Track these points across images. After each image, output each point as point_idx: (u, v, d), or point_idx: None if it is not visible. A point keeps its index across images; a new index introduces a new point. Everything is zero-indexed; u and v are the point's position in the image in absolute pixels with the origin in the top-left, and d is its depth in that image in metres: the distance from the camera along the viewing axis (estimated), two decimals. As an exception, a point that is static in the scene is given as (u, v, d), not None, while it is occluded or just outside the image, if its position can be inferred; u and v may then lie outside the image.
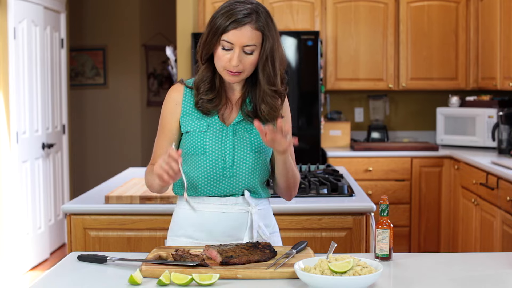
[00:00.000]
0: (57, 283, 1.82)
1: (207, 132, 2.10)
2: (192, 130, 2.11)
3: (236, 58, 2.01)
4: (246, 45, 2.01)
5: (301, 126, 5.14)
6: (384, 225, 1.97)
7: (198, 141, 2.10)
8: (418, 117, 5.99)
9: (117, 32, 7.57)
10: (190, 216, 2.15)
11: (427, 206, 5.33)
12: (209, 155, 2.09)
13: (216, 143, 2.10)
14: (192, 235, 2.14)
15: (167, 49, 5.45)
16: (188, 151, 2.12)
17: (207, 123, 2.11)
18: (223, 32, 2.01)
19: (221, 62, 2.04)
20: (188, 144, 2.12)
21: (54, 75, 5.98)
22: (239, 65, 2.02)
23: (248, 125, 2.13)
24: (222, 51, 2.03)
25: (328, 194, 3.08)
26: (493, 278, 1.84)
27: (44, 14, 5.66)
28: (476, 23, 5.45)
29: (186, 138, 2.13)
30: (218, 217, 2.12)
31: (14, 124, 5.10)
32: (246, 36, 2.01)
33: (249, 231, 2.12)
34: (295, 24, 5.48)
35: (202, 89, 2.11)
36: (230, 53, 2.02)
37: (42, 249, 5.58)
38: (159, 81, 7.79)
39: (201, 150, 2.10)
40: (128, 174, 3.90)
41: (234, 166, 2.10)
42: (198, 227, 2.13)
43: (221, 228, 2.12)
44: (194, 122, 2.12)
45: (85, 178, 7.58)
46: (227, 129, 2.11)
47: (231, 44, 2.01)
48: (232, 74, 2.05)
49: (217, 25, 2.02)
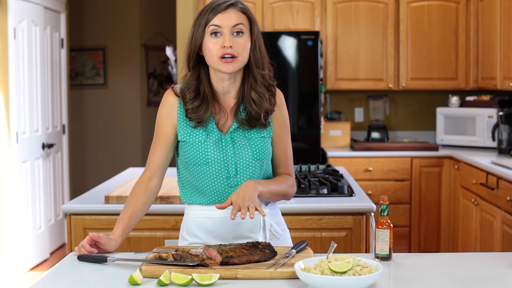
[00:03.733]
0: (57, 283, 1.82)
1: (206, 142, 2.08)
2: (191, 139, 2.09)
3: (228, 39, 2.01)
4: (234, 24, 2.02)
5: (301, 126, 5.14)
6: (384, 225, 1.97)
7: (199, 151, 2.08)
8: (418, 117, 5.99)
9: (117, 32, 7.57)
10: (203, 224, 2.13)
11: (427, 206, 5.33)
12: (212, 165, 2.08)
13: (217, 152, 2.08)
14: (207, 242, 2.12)
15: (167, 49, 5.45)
16: (189, 160, 2.10)
17: (205, 132, 2.09)
18: (208, 21, 2.02)
19: (213, 51, 2.02)
20: (189, 153, 2.09)
21: (54, 75, 5.98)
22: (231, 46, 2.01)
23: (246, 132, 2.11)
24: (212, 40, 2.02)
25: (328, 194, 3.08)
26: (493, 278, 1.84)
27: (44, 14, 5.66)
28: (476, 23, 5.45)
29: (185, 147, 2.10)
30: (231, 222, 2.11)
31: (14, 124, 5.10)
32: (232, 17, 2.03)
33: (262, 232, 2.12)
34: (295, 24, 5.48)
35: (188, 97, 2.08)
36: (220, 38, 2.02)
37: (42, 249, 5.58)
38: (159, 81, 7.79)
39: (203, 161, 2.07)
40: (128, 174, 3.90)
41: (238, 175, 2.09)
42: (212, 233, 2.12)
43: (236, 232, 2.11)
44: (191, 131, 2.10)
45: (85, 178, 7.59)
46: (225, 137, 2.09)
47: (219, 27, 2.01)
48: (227, 61, 2.02)
49: (201, 19, 2.04)
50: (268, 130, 2.14)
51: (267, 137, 2.14)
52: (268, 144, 2.14)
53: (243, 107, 2.11)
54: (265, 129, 2.12)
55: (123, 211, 2.10)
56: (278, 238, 2.17)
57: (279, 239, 2.18)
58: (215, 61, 2.03)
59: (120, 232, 2.06)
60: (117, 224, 2.08)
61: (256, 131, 2.12)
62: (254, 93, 2.09)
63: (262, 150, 2.11)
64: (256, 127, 2.11)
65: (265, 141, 2.13)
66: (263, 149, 2.11)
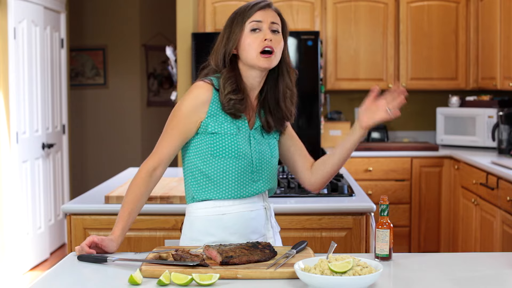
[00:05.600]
0: (57, 283, 1.82)
1: (238, 135, 2.09)
2: (222, 131, 2.08)
3: (269, 33, 2.08)
4: (272, 21, 2.11)
5: (301, 126, 5.14)
6: (384, 225, 1.97)
7: (230, 143, 2.08)
8: (418, 117, 5.99)
9: (117, 32, 7.57)
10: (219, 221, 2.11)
11: (427, 206, 5.33)
12: (241, 158, 2.09)
13: (247, 146, 2.11)
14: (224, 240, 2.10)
15: (167, 49, 5.45)
16: (216, 153, 2.08)
17: (236, 126, 2.10)
18: (249, 16, 2.09)
19: (253, 45, 2.07)
20: (217, 145, 2.08)
21: (54, 75, 5.98)
22: (272, 39, 2.08)
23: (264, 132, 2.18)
24: (251, 35, 2.08)
25: (328, 194, 3.08)
26: (493, 278, 1.84)
27: (44, 14, 5.66)
28: (476, 23, 5.45)
29: (214, 139, 2.08)
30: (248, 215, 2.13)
31: (14, 124, 5.10)
32: (271, 15, 2.12)
33: (269, 225, 2.20)
34: (295, 24, 5.48)
35: (229, 88, 2.07)
36: (260, 33, 2.09)
37: (42, 249, 5.58)
38: (159, 81, 7.79)
39: (234, 153, 2.08)
40: (128, 174, 3.90)
41: (261, 170, 2.14)
42: (228, 230, 2.11)
43: (250, 227, 2.14)
44: (223, 124, 2.09)
45: (85, 178, 7.59)
46: (252, 132, 2.14)
47: (259, 23, 2.09)
48: (266, 57, 2.07)
49: (240, 18, 2.10)
50: (277, 132, 2.23)
51: (276, 139, 2.23)
52: (277, 145, 2.23)
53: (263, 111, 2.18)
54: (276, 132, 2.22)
55: (123, 208, 2.07)
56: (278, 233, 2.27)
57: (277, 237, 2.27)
58: (254, 56, 2.08)
59: (120, 231, 2.06)
60: (117, 223, 2.07)
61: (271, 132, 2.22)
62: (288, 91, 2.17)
63: (275, 150, 2.21)
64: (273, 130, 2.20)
65: (275, 142, 2.22)
66: (276, 149, 2.21)
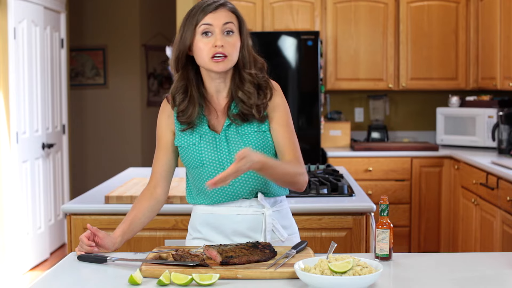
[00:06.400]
0: (57, 283, 1.82)
1: (200, 144, 2.09)
2: (185, 143, 2.11)
3: (220, 39, 2.02)
4: (225, 23, 2.03)
5: (301, 126, 5.14)
6: (384, 225, 1.97)
7: (193, 154, 2.09)
8: (418, 117, 5.99)
9: (117, 32, 7.57)
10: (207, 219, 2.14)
11: (427, 206, 5.33)
12: (207, 166, 2.08)
13: (211, 153, 2.08)
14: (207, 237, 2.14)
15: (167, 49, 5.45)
16: (186, 164, 2.13)
17: (199, 135, 2.10)
18: (199, 20, 2.03)
19: (204, 51, 2.02)
20: (185, 157, 2.12)
21: (54, 75, 5.98)
22: (222, 45, 2.01)
23: (239, 128, 2.09)
24: (203, 39, 2.03)
25: (328, 194, 3.08)
26: (493, 278, 1.84)
27: (44, 14, 5.66)
28: (476, 23, 5.45)
29: (181, 152, 2.13)
30: (233, 219, 2.11)
31: (14, 124, 5.10)
32: (223, 16, 2.04)
33: (263, 233, 2.11)
34: (295, 24, 5.48)
35: (178, 100, 2.10)
36: (212, 37, 2.03)
37: (42, 249, 5.58)
38: (159, 81, 7.79)
39: (198, 163, 2.09)
40: (128, 174, 3.90)
41: None
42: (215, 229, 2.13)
43: (238, 229, 2.11)
44: (185, 135, 2.11)
45: (85, 178, 7.59)
46: (219, 136, 2.09)
47: (210, 26, 2.02)
48: (218, 61, 2.02)
49: (191, 20, 2.04)
50: (265, 124, 2.10)
51: (264, 131, 2.10)
52: (265, 138, 2.10)
53: (234, 105, 2.11)
54: (262, 124, 2.10)
55: (127, 215, 2.14)
56: (283, 241, 2.15)
57: (283, 243, 2.16)
58: (206, 61, 2.04)
59: (120, 232, 2.07)
60: (119, 225, 2.11)
61: (249, 126, 2.09)
62: (241, 93, 2.09)
63: (258, 145, 2.08)
64: (250, 121, 2.09)
65: (260, 135, 2.10)
66: (259, 144, 2.08)
